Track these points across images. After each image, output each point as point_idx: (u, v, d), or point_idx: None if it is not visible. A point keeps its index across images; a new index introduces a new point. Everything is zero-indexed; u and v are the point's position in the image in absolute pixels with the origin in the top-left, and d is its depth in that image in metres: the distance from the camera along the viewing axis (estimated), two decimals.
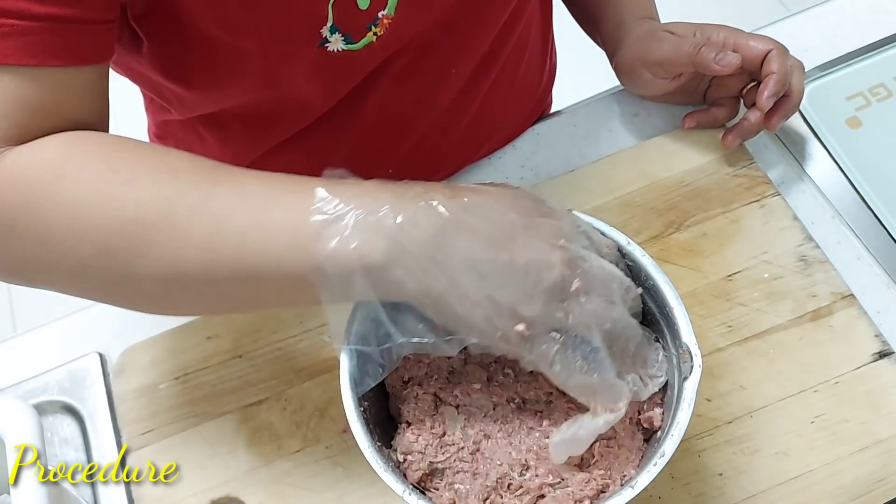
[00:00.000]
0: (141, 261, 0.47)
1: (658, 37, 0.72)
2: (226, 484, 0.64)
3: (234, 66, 0.61)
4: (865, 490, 0.60)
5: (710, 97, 0.76)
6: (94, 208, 0.47)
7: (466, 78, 0.73)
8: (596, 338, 0.47)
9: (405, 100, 0.72)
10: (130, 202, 0.47)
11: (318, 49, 0.60)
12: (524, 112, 0.84)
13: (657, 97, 0.78)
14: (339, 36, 0.60)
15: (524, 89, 0.83)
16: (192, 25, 0.57)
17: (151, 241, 0.47)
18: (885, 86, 0.77)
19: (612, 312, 0.49)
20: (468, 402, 0.55)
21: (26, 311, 1.78)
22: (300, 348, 0.68)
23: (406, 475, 0.53)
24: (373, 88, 0.68)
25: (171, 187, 0.47)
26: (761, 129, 0.72)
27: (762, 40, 0.69)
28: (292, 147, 0.72)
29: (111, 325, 0.73)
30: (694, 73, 0.72)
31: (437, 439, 0.54)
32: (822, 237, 0.70)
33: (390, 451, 0.54)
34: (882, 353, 0.65)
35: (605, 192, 0.73)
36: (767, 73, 0.68)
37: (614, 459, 0.54)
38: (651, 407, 0.55)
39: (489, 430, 0.54)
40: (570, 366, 0.48)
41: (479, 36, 0.71)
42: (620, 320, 0.49)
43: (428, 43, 0.67)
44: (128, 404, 0.68)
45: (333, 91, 0.67)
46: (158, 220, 0.47)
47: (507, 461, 0.53)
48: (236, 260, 0.47)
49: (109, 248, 0.47)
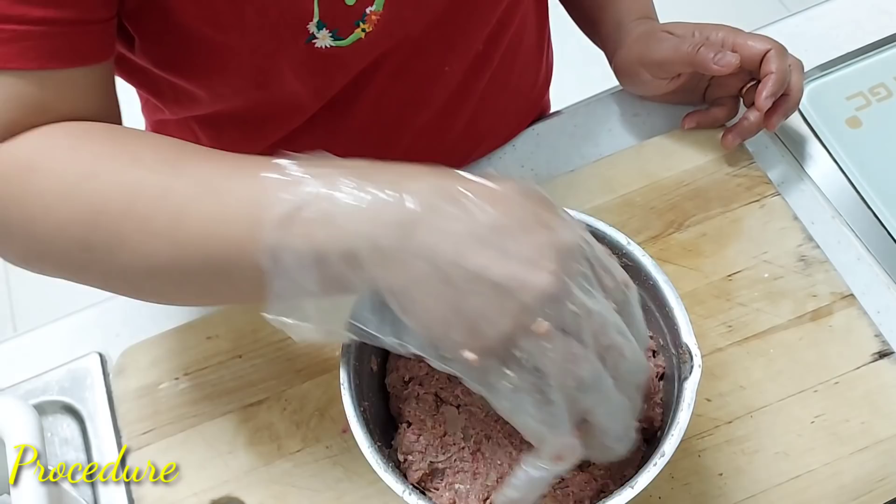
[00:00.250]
0: (117, 254, 0.47)
1: (657, 37, 0.72)
2: (226, 484, 0.64)
3: (223, 64, 0.61)
4: (865, 490, 0.60)
5: (710, 97, 0.76)
6: (64, 200, 0.47)
7: (460, 76, 0.73)
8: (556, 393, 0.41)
9: (399, 99, 0.72)
10: (97, 194, 0.46)
11: (305, 45, 0.60)
12: (521, 111, 0.84)
13: (657, 97, 0.78)
14: (327, 32, 0.60)
15: (520, 88, 0.83)
16: (180, 22, 0.57)
17: (121, 235, 0.46)
18: (885, 86, 0.77)
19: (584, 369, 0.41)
20: (469, 402, 0.55)
21: (26, 311, 1.78)
22: (300, 348, 0.68)
23: (406, 475, 0.53)
24: (366, 87, 0.68)
25: (133, 177, 0.47)
26: (761, 128, 0.72)
27: (761, 40, 0.69)
28: (287, 147, 0.71)
29: (111, 325, 0.73)
30: (693, 72, 0.72)
31: (438, 439, 0.54)
32: (822, 237, 0.70)
33: (390, 452, 0.54)
34: (882, 353, 0.65)
35: (605, 192, 0.73)
36: (766, 72, 0.68)
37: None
38: (651, 407, 0.55)
39: (490, 430, 0.54)
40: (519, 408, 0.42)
41: (471, 34, 0.71)
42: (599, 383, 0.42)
43: (420, 41, 0.67)
44: (128, 404, 0.68)
45: (324, 89, 0.67)
46: (123, 213, 0.46)
47: (508, 461, 0.53)
48: (202, 251, 0.45)
49: (86, 242, 0.47)
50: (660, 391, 0.56)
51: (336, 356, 0.67)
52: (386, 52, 0.66)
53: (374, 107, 0.70)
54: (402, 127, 0.75)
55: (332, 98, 0.68)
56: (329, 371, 0.67)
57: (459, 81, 0.74)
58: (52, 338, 0.73)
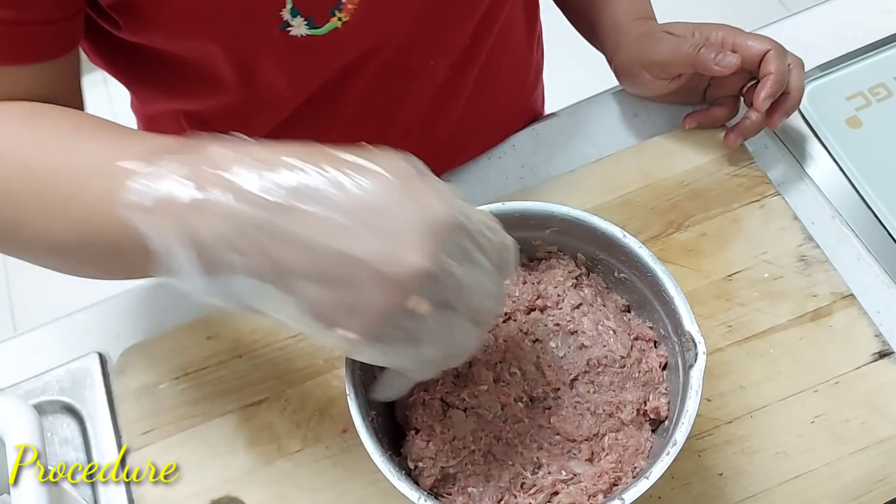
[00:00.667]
0: (21, 231, 0.50)
1: (657, 38, 0.72)
2: (226, 484, 0.64)
3: (204, 54, 0.62)
4: (865, 490, 0.60)
5: (710, 96, 0.76)
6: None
7: (447, 71, 0.73)
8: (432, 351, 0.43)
9: (386, 94, 0.72)
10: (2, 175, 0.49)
11: (280, 33, 0.60)
12: (511, 109, 0.84)
13: (657, 97, 0.78)
14: (302, 20, 0.60)
15: (511, 84, 0.83)
16: (157, 12, 0.58)
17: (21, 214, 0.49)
18: (885, 86, 0.77)
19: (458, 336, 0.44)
20: (476, 405, 0.55)
21: (26, 311, 1.78)
22: (300, 348, 0.68)
23: (418, 482, 0.53)
24: (352, 82, 0.68)
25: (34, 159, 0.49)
26: (763, 127, 0.72)
27: (761, 40, 0.69)
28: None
29: (111, 325, 0.73)
30: (693, 73, 0.72)
31: (448, 444, 0.54)
32: (822, 237, 0.70)
33: (400, 460, 0.54)
34: (882, 353, 0.65)
35: (605, 192, 0.73)
36: (765, 73, 0.68)
37: (624, 452, 0.54)
38: (657, 397, 0.55)
39: (499, 432, 0.54)
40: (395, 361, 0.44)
41: (457, 28, 0.71)
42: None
43: (404, 36, 0.67)
44: (128, 404, 0.68)
45: (304, 81, 0.67)
46: (21, 194, 0.49)
47: (519, 461, 0.53)
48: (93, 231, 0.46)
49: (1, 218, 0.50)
50: (664, 381, 0.56)
51: (336, 356, 0.67)
52: (370, 48, 0.66)
53: (360, 102, 0.71)
54: (389, 122, 0.75)
55: (318, 92, 0.68)
56: (329, 371, 0.67)
57: (447, 76, 0.74)
58: (52, 338, 0.73)
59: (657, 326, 0.57)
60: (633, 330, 0.58)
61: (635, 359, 0.57)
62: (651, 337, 0.57)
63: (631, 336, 0.57)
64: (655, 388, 0.55)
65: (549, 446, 0.54)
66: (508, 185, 0.76)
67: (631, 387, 0.56)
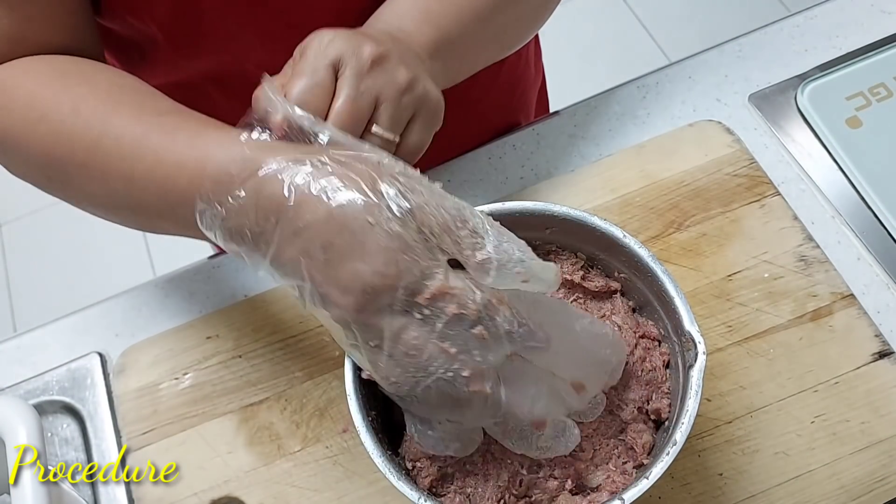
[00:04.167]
0: (68, 190, 0.54)
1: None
2: (226, 484, 0.64)
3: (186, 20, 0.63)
4: (865, 490, 0.60)
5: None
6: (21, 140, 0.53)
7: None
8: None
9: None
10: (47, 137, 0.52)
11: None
12: (509, 102, 0.83)
13: None
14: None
15: (507, 78, 0.83)
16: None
17: (68, 175, 0.52)
18: (885, 86, 0.77)
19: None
20: None
21: (26, 311, 1.78)
22: (300, 348, 0.68)
23: (416, 482, 0.53)
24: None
25: (70, 127, 0.51)
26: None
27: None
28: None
29: (111, 325, 0.73)
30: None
31: None
32: (822, 237, 0.70)
33: (399, 459, 0.54)
34: (882, 353, 0.65)
35: (605, 192, 0.73)
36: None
37: (624, 451, 0.54)
38: (660, 398, 0.55)
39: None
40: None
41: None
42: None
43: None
44: (128, 404, 0.68)
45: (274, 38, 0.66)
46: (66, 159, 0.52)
47: (518, 460, 0.53)
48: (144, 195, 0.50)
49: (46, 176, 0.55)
50: (667, 380, 0.56)
51: (336, 356, 0.67)
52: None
53: None
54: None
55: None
56: (329, 371, 0.67)
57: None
58: (52, 338, 0.73)
59: (658, 325, 0.57)
60: (639, 328, 0.58)
61: (639, 357, 0.57)
62: (656, 336, 0.57)
63: (637, 334, 0.57)
64: (658, 388, 0.55)
65: None
66: (508, 185, 0.76)
67: (634, 385, 0.56)
